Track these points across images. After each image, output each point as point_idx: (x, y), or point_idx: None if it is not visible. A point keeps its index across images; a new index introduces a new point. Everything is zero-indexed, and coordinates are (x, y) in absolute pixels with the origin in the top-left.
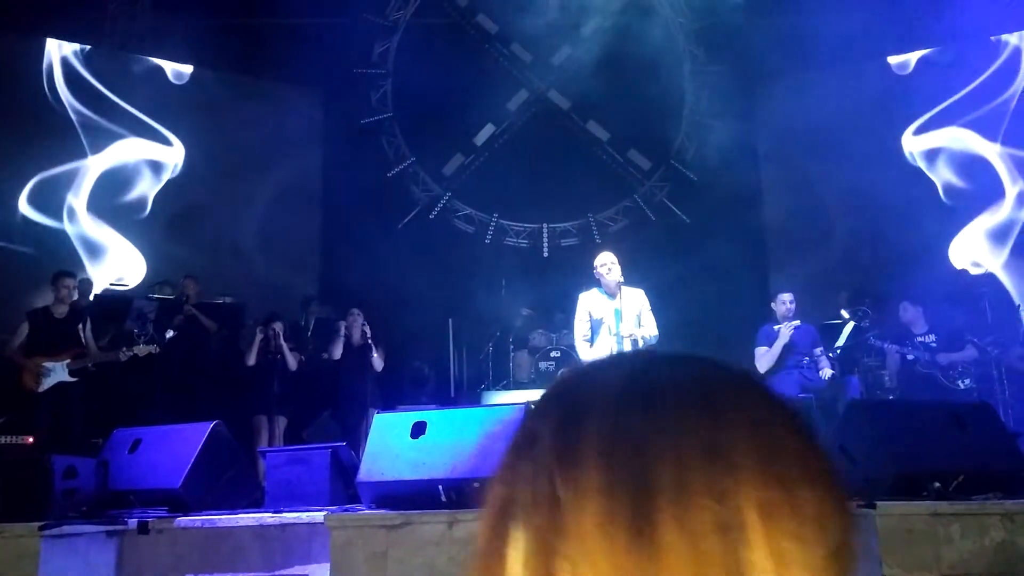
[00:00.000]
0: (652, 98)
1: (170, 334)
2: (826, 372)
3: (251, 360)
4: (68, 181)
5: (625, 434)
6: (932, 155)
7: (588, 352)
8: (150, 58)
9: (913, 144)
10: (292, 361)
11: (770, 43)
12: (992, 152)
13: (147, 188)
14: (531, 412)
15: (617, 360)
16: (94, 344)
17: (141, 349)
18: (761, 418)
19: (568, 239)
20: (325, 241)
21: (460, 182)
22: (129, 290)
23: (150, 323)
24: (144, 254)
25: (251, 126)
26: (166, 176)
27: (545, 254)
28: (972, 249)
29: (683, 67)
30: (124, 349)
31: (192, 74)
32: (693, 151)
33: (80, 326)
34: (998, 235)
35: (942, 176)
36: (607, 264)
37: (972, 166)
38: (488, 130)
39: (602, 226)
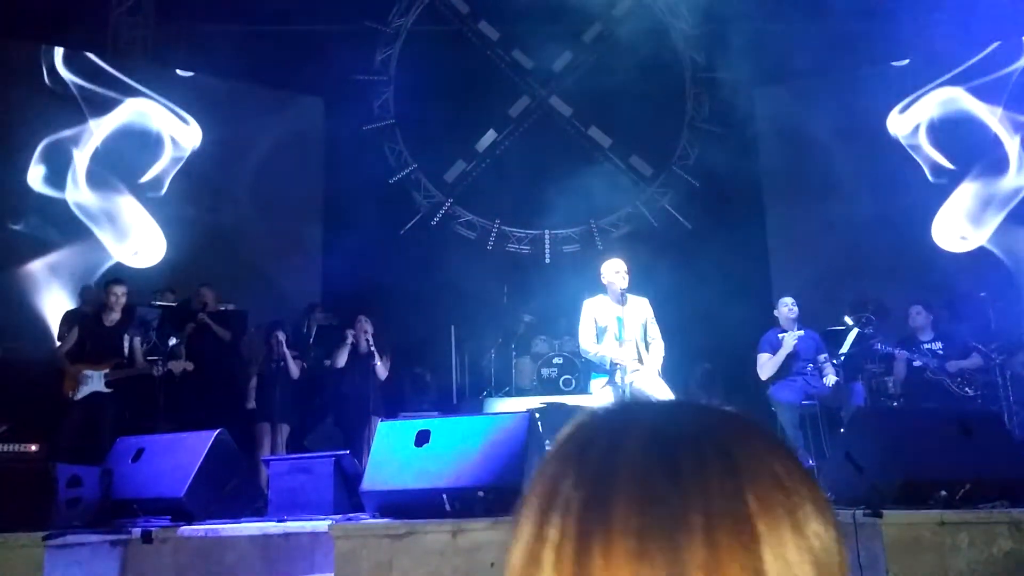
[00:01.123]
0: (654, 104)
1: (173, 342)
2: (830, 379)
3: (250, 403)
4: (80, 148)
5: (654, 504)
6: (919, 129)
7: (596, 348)
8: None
9: (899, 124)
10: (295, 369)
11: (771, 49)
12: (990, 115)
13: (164, 165)
14: (551, 463)
15: (632, 415)
16: (141, 355)
17: (176, 365)
18: (777, 469)
19: (570, 245)
20: (327, 247)
21: (462, 188)
22: (132, 297)
23: (153, 331)
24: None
25: (253, 132)
26: (183, 155)
27: (547, 260)
28: (961, 220)
29: (684, 73)
30: (159, 364)
31: (195, 81)
32: (695, 157)
33: (127, 336)
34: (998, 203)
35: (929, 152)
36: (620, 272)
37: (965, 130)
38: (490, 136)
39: (604, 232)
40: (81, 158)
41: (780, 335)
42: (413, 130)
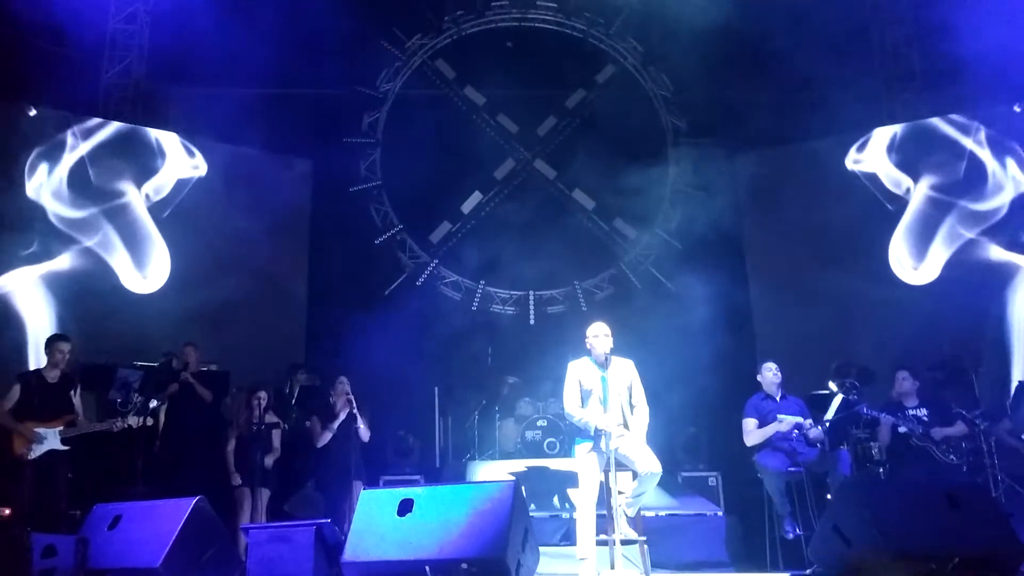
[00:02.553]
0: (637, 168)
1: (154, 404)
2: (816, 431)
3: (235, 480)
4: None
5: None
6: (879, 152)
7: (581, 413)
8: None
9: (858, 158)
10: (277, 445)
11: (751, 115)
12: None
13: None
14: None
15: None
16: (82, 412)
17: (135, 420)
18: None
19: (554, 306)
20: (312, 307)
21: (447, 249)
22: (113, 358)
23: (135, 392)
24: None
25: (240, 192)
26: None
27: (531, 321)
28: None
29: (666, 138)
30: (119, 420)
31: (183, 142)
32: (678, 220)
33: (72, 392)
34: (965, 224)
35: (888, 174)
36: (599, 335)
37: (930, 146)
38: (475, 198)
39: (588, 294)
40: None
41: (766, 401)
42: (399, 192)
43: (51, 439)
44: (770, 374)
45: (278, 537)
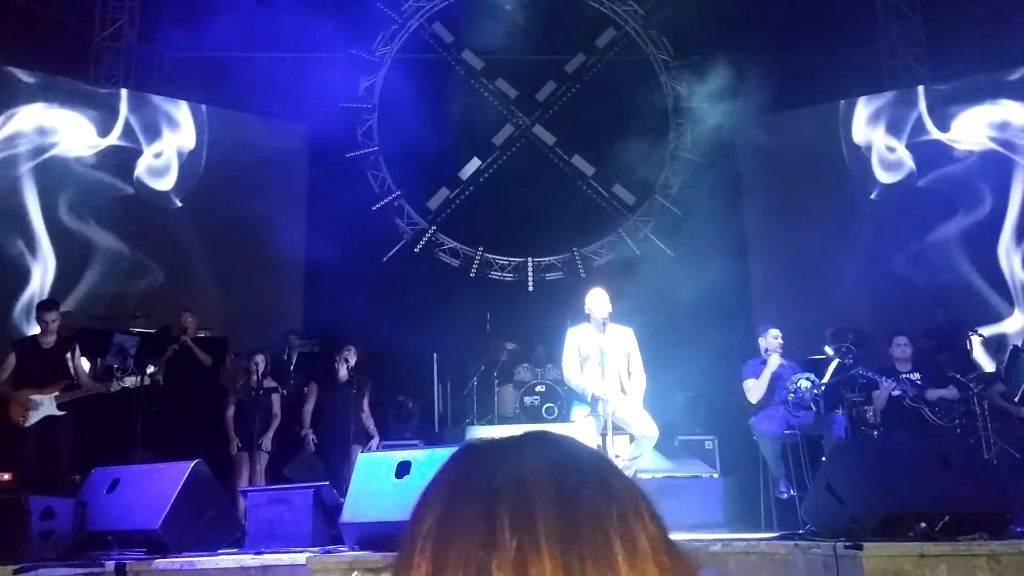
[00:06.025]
0: (637, 134)
1: (151, 369)
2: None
3: (232, 448)
4: None
5: None
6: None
7: (579, 378)
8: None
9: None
10: (275, 406)
11: (753, 80)
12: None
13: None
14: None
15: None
16: (85, 374)
17: (132, 381)
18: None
19: (553, 273)
20: (309, 274)
21: (445, 216)
22: (109, 323)
23: (131, 358)
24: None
25: (236, 158)
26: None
27: (530, 288)
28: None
29: (667, 103)
30: (115, 380)
31: (178, 106)
32: (677, 186)
33: (69, 356)
34: None
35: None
36: (599, 301)
37: None
38: (473, 164)
39: (587, 260)
40: None
41: (764, 365)
42: (396, 157)
43: (47, 405)
44: (776, 341)
45: (277, 499)
